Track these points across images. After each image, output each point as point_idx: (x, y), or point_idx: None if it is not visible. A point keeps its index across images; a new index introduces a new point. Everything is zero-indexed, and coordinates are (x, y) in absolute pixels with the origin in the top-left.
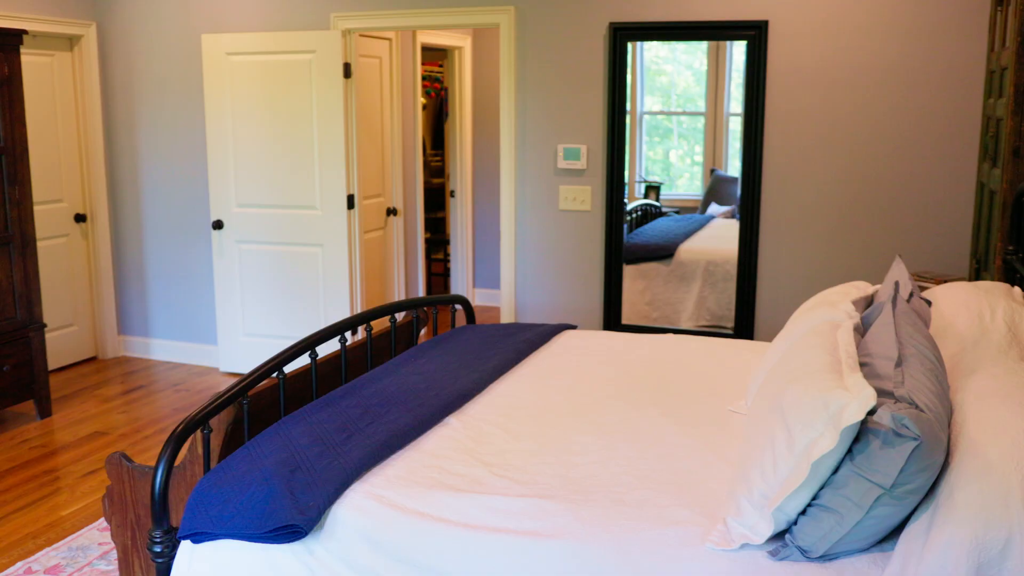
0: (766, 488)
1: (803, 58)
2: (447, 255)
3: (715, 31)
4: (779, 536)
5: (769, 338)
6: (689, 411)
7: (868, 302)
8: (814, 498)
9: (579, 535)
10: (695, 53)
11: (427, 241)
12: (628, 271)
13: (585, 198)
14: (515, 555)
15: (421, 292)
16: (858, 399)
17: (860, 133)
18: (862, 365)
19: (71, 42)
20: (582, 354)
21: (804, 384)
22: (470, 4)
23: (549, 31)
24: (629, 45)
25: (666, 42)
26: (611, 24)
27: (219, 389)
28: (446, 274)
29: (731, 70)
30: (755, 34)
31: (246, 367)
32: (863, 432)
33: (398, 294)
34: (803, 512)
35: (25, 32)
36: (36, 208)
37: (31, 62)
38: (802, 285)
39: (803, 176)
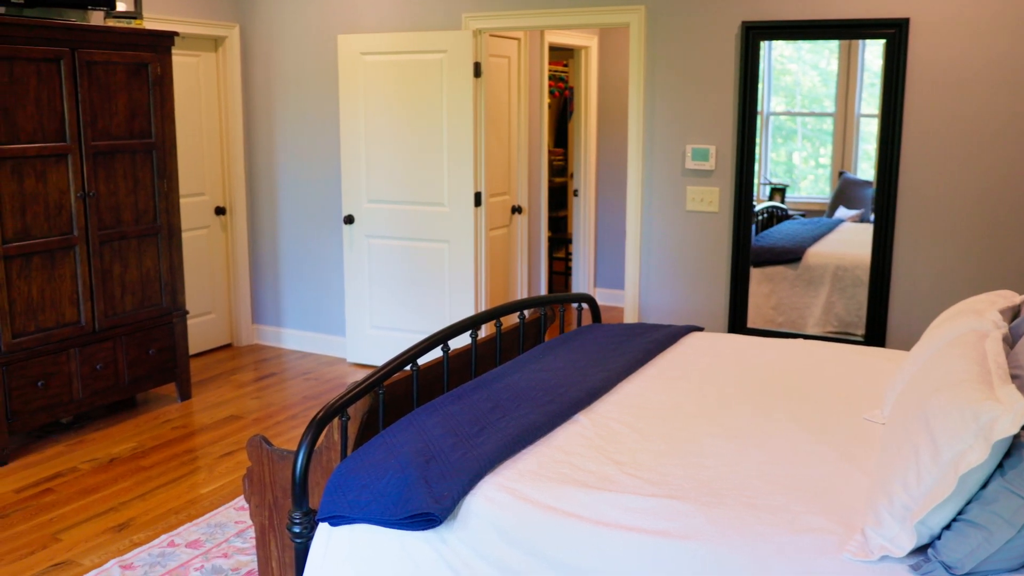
0: (908, 500)
1: (945, 57)
2: (568, 254)
3: (852, 30)
4: (921, 550)
5: (902, 347)
6: (821, 418)
7: (1015, 313)
8: (960, 512)
9: (712, 537)
10: (821, 52)
11: (548, 240)
12: (753, 274)
13: (713, 199)
14: (647, 554)
15: (543, 290)
16: (1011, 412)
17: (1006, 134)
18: (1012, 378)
19: (216, 43)
20: (710, 356)
21: (951, 394)
22: (600, 4)
23: (679, 30)
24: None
25: (791, 41)
26: (744, 23)
27: (346, 379)
28: (567, 273)
29: (863, 69)
30: (894, 32)
31: (372, 358)
32: (1016, 446)
33: (520, 292)
34: (947, 527)
35: (176, 34)
36: (181, 201)
37: (180, 62)
38: (939, 293)
39: (943, 180)
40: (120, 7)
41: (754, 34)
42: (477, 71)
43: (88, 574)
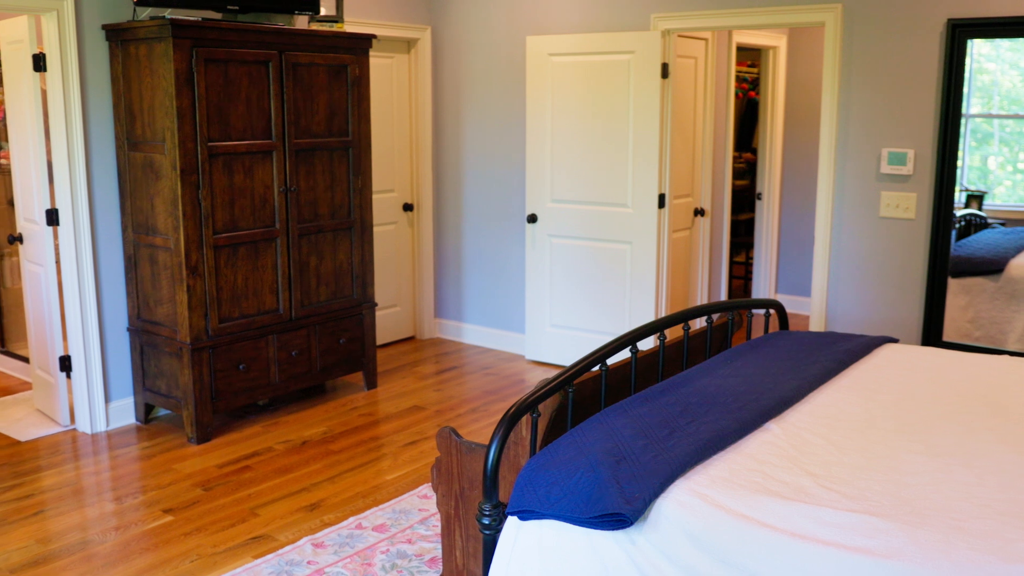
0: None
1: None
2: (748, 258)
3: None
4: None
5: None
6: None
7: None
8: None
9: (917, 559)
10: (1023, 50)
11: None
12: (949, 285)
13: (909, 205)
14: (845, 571)
15: (723, 295)
16: None
17: None
18: None
19: (408, 45)
20: (907, 369)
21: None
22: (794, 2)
23: (878, 29)
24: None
25: (989, 39)
26: (949, 20)
27: (525, 376)
28: (746, 277)
29: None
30: None
31: (551, 356)
32: None
33: (701, 295)
34: None
35: (374, 37)
36: (372, 197)
37: (375, 64)
38: None
39: None
40: (323, 11)
41: (961, 32)
42: (664, 72)
43: (283, 549)
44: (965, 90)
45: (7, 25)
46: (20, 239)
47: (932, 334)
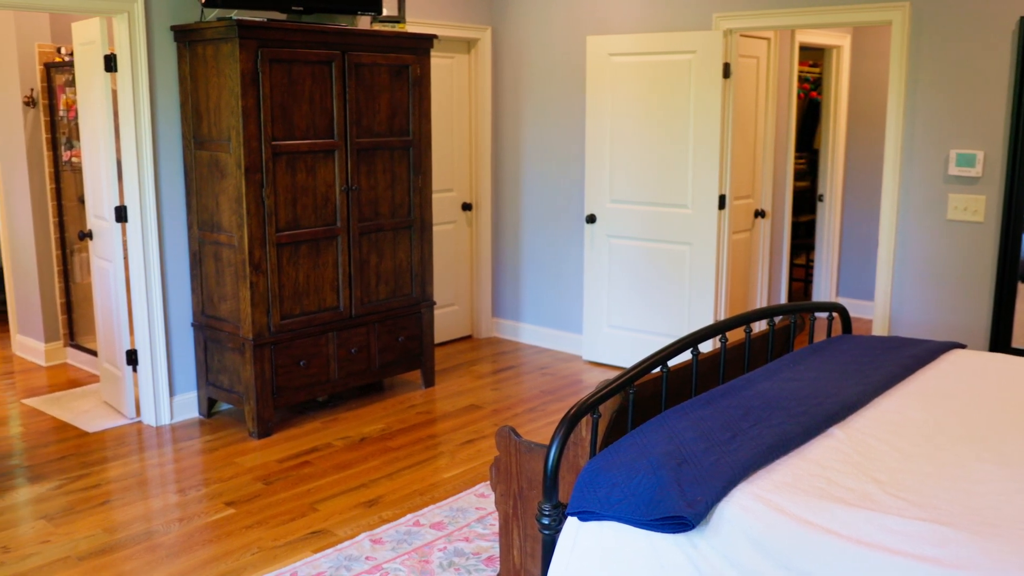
0: None
1: None
2: (808, 261)
3: None
4: None
5: None
6: None
7: None
8: None
9: (988, 570)
10: None
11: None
12: (1019, 290)
13: (978, 208)
14: None
15: (783, 298)
16: None
17: None
18: None
19: (469, 45)
20: (975, 376)
21: None
22: (860, 1)
23: (947, 27)
24: None
25: None
26: (1022, 19)
27: (582, 376)
28: (807, 280)
29: None
30: None
31: (608, 357)
32: None
33: (760, 298)
34: None
35: (436, 37)
36: (432, 196)
37: (435, 63)
38: None
39: None
40: (385, 12)
41: None
42: (726, 72)
43: (342, 544)
44: None
45: (80, 27)
46: (90, 235)
47: (1000, 340)
